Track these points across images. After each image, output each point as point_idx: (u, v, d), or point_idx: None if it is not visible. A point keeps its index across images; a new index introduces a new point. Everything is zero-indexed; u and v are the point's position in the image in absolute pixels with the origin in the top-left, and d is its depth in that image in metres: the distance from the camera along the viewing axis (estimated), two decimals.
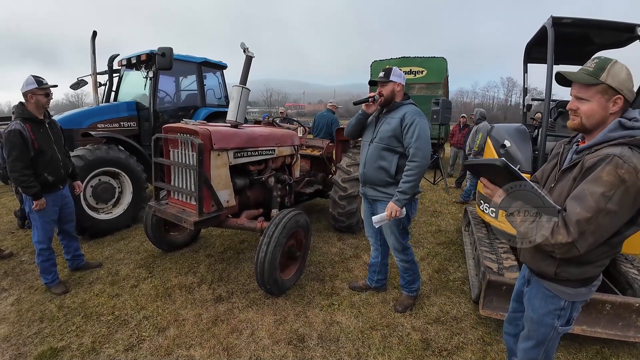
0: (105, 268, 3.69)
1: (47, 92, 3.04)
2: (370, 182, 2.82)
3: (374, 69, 10.22)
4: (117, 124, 5.22)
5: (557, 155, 1.65)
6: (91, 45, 5.39)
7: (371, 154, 2.76)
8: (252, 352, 2.47)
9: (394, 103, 2.74)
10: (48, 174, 3.08)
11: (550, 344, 1.65)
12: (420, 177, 2.58)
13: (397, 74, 2.72)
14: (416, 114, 2.63)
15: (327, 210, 4.83)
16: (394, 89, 2.70)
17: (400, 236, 2.83)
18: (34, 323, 2.80)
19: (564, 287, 1.52)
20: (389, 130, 2.67)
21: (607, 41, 3.53)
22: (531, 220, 1.40)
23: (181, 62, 5.77)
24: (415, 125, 2.57)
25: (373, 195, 2.84)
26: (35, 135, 2.98)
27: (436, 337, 2.67)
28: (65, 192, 3.34)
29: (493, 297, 2.71)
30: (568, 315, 1.58)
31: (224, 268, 3.69)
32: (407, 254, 2.92)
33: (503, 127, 3.87)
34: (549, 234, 1.33)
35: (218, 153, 3.05)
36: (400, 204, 2.55)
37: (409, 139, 2.59)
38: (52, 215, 3.21)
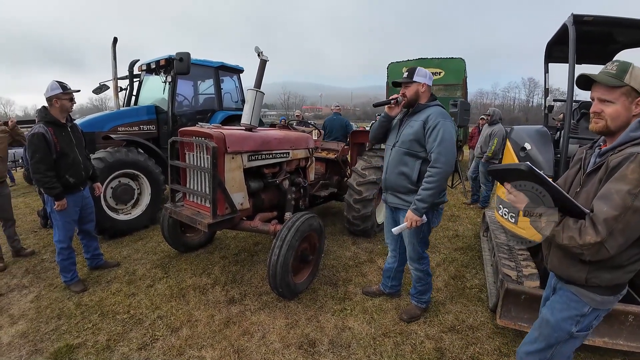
0: (123, 267, 3.78)
1: (71, 96, 3.16)
2: (391, 188, 2.70)
3: (391, 71, 10.13)
4: (137, 127, 5.36)
5: (579, 161, 1.62)
6: (112, 51, 5.56)
7: (393, 159, 2.66)
8: (263, 356, 2.46)
9: (418, 105, 2.61)
10: (70, 175, 3.18)
11: (559, 349, 1.58)
12: (442, 185, 2.45)
13: (421, 73, 2.58)
14: (440, 116, 2.48)
15: (342, 214, 4.80)
16: (418, 90, 2.57)
17: (418, 245, 2.73)
18: (52, 320, 2.88)
19: (593, 294, 1.47)
20: (411, 133, 2.54)
21: (630, 40, 3.39)
22: (557, 223, 1.37)
23: (199, 66, 5.88)
24: (439, 129, 2.42)
25: (394, 203, 2.73)
26: (57, 138, 3.08)
27: (451, 346, 2.59)
28: (86, 193, 3.44)
29: (511, 307, 2.61)
30: (588, 322, 1.52)
31: (237, 270, 3.72)
32: (422, 263, 2.82)
33: (523, 129, 3.75)
34: (577, 234, 1.30)
35: (232, 156, 3.08)
36: (419, 212, 2.43)
37: (431, 143, 2.44)
38: (73, 216, 3.30)
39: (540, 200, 1.46)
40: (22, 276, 3.65)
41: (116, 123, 5.16)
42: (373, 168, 4.33)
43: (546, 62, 3.98)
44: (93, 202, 3.57)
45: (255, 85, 3.43)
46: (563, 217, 1.38)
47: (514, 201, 1.50)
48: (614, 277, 1.41)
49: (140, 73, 6.23)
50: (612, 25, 3.12)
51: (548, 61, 3.97)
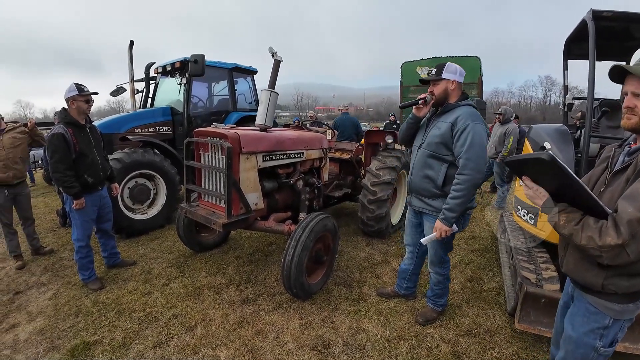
0: (139, 266, 3.84)
1: (87, 98, 3.21)
2: (416, 191, 2.61)
3: (405, 71, 10.05)
4: (153, 129, 5.45)
5: (606, 159, 1.54)
6: (129, 54, 5.66)
7: (418, 161, 2.54)
8: (277, 356, 2.45)
9: (447, 104, 2.45)
10: (88, 175, 3.24)
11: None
12: (471, 193, 2.31)
13: (451, 69, 2.42)
14: (470, 117, 2.31)
15: (355, 214, 4.77)
16: (447, 87, 2.42)
17: (441, 250, 2.65)
18: (69, 317, 2.94)
19: (610, 303, 1.39)
20: (438, 135, 2.40)
21: None
22: (577, 221, 1.30)
23: (213, 68, 5.94)
24: (468, 132, 2.26)
25: (418, 206, 2.64)
26: (77, 139, 3.16)
27: (467, 350, 2.53)
28: (104, 193, 3.51)
29: (530, 311, 2.54)
30: (612, 335, 1.44)
31: (251, 270, 3.73)
32: (443, 267, 2.74)
33: (542, 127, 3.67)
34: (597, 235, 1.22)
35: (247, 156, 3.09)
36: (448, 223, 2.33)
37: (459, 148, 2.29)
38: (91, 215, 3.37)
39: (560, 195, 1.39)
40: (40, 274, 3.73)
41: (133, 124, 5.25)
42: (388, 168, 4.29)
43: (565, 59, 3.88)
44: (111, 202, 3.63)
45: (269, 86, 3.43)
46: (583, 216, 1.30)
47: (532, 197, 1.43)
48: (632, 285, 1.33)
49: (156, 75, 6.33)
50: (631, 21, 3.03)
51: (567, 58, 3.87)
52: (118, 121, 5.22)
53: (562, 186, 1.34)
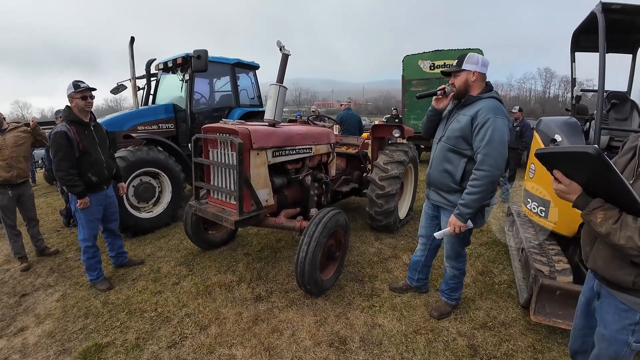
0: (148, 265, 3.80)
1: (83, 94, 3.09)
2: (434, 185, 2.59)
3: (406, 64, 10.00)
4: (156, 126, 5.39)
5: (632, 150, 1.49)
6: (130, 50, 5.58)
7: (437, 155, 2.51)
8: (294, 354, 2.44)
9: (468, 97, 2.38)
10: (92, 174, 3.19)
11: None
12: (489, 190, 2.25)
13: (472, 60, 2.32)
14: (492, 111, 2.22)
15: (362, 209, 4.75)
16: (468, 79, 2.34)
17: (458, 244, 2.63)
18: (79, 319, 2.89)
19: None
20: (458, 129, 2.34)
21: None
22: (615, 219, 1.25)
23: (215, 63, 5.86)
24: (488, 127, 2.19)
25: (436, 200, 2.62)
26: (80, 137, 3.10)
27: (484, 343, 2.54)
28: (109, 192, 3.46)
29: (545, 303, 2.54)
30: None
31: (262, 267, 3.70)
32: (460, 262, 2.72)
33: (552, 120, 3.65)
34: (637, 235, 1.19)
35: (257, 152, 3.05)
36: (462, 219, 2.29)
37: (478, 142, 2.23)
38: (96, 214, 3.32)
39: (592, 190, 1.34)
40: (46, 275, 3.68)
41: (135, 122, 5.19)
42: (395, 162, 4.27)
43: (572, 52, 3.87)
44: (117, 201, 3.58)
45: (277, 80, 3.38)
46: (621, 213, 1.25)
47: (564, 191, 1.38)
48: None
49: (157, 72, 6.26)
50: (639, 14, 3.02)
51: (574, 50, 3.85)
52: (121, 119, 5.15)
53: (598, 182, 1.29)
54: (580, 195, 1.35)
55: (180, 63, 5.53)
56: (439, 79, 9.50)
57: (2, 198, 3.73)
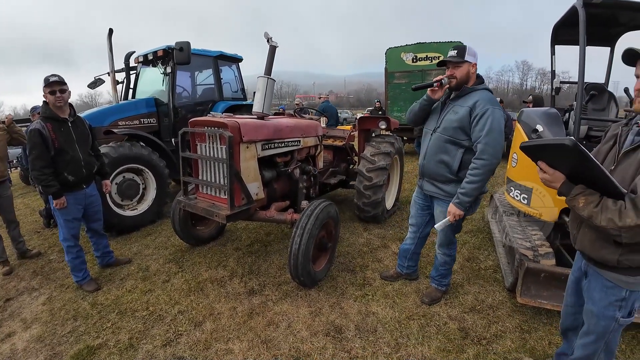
0: (135, 264, 3.73)
1: (51, 89, 2.93)
2: (429, 176, 2.61)
3: (389, 57, 10.05)
4: (137, 121, 5.24)
5: (613, 137, 1.59)
6: (108, 43, 5.37)
7: (433, 145, 2.51)
8: (291, 345, 2.46)
9: (464, 88, 2.40)
10: (68, 173, 3.04)
11: (611, 336, 1.61)
12: (487, 178, 2.32)
13: (472, 52, 2.35)
14: (490, 102, 2.28)
15: (349, 201, 4.79)
16: (469, 70, 2.37)
17: (451, 232, 2.70)
18: (67, 322, 2.81)
19: (625, 276, 1.47)
20: (456, 120, 2.36)
21: (633, 23, 3.43)
22: (596, 203, 1.35)
23: (197, 56, 5.72)
24: (488, 117, 2.23)
25: (430, 191, 2.65)
26: (55, 134, 2.95)
27: (474, 325, 2.63)
28: (90, 192, 3.29)
29: (531, 285, 2.66)
30: (630, 305, 1.53)
31: (253, 261, 3.70)
32: (451, 248, 2.80)
33: (533, 111, 3.77)
34: (617, 217, 1.28)
35: (247, 145, 3.02)
36: (462, 207, 2.34)
37: (478, 132, 2.27)
38: (75, 214, 3.19)
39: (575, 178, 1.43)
40: (30, 278, 3.56)
41: (116, 117, 5.03)
42: (382, 154, 4.31)
43: (552, 45, 3.98)
44: (100, 201, 3.45)
45: (265, 72, 3.35)
46: (601, 198, 1.35)
47: (549, 180, 1.47)
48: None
49: (137, 65, 6.07)
50: (618, 8, 3.15)
51: (554, 43, 3.97)
52: (100, 114, 4.98)
53: (580, 169, 1.38)
54: (563, 183, 1.44)
55: (161, 55, 5.37)
56: (421, 71, 9.59)
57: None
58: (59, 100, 2.96)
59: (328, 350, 2.39)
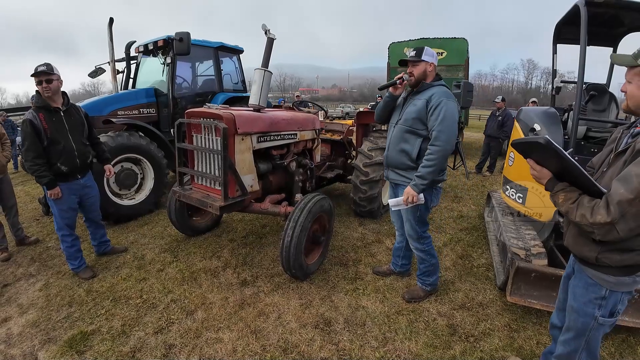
0: (131, 253, 3.76)
1: (38, 79, 2.88)
2: (393, 165, 2.75)
3: (392, 52, 9.99)
4: (136, 111, 5.24)
5: (614, 140, 1.61)
6: (108, 32, 5.37)
7: (395, 136, 2.69)
8: (280, 336, 2.49)
9: (422, 84, 2.60)
10: (61, 164, 3.02)
11: (591, 335, 1.61)
12: (442, 163, 2.48)
13: (429, 53, 2.58)
14: (444, 95, 2.49)
15: (346, 195, 4.80)
16: (426, 69, 2.57)
17: (416, 224, 2.74)
18: (62, 308, 2.85)
19: (605, 275, 1.49)
20: (414, 111, 2.56)
21: (636, 23, 3.39)
22: (573, 200, 1.39)
23: (198, 47, 5.71)
24: (442, 108, 2.44)
25: (394, 179, 2.79)
26: (48, 124, 2.92)
27: (462, 322, 2.65)
28: (86, 182, 3.27)
29: (521, 284, 2.67)
30: (610, 306, 1.54)
31: (247, 252, 3.72)
32: (423, 243, 2.81)
33: (532, 110, 3.75)
34: (589, 213, 1.31)
35: (242, 137, 3.03)
36: (417, 189, 2.46)
37: (432, 122, 2.47)
38: (70, 204, 3.17)
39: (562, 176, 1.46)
40: (28, 265, 3.59)
41: (115, 107, 5.04)
42: (379, 149, 4.31)
43: (555, 44, 3.95)
44: (96, 191, 3.43)
45: (262, 65, 3.34)
46: (580, 195, 1.38)
47: (537, 177, 1.53)
48: (624, 259, 1.42)
49: (137, 55, 6.06)
50: (621, 8, 3.12)
51: (556, 42, 3.93)
52: (100, 103, 5.00)
53: (561, 167, 1.43)
54: (549, 180, 1.49)
55: (162, 46, 5.36)
56: None
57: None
58: (46, 90, 2.91)
59: (316, 342, 2.42)
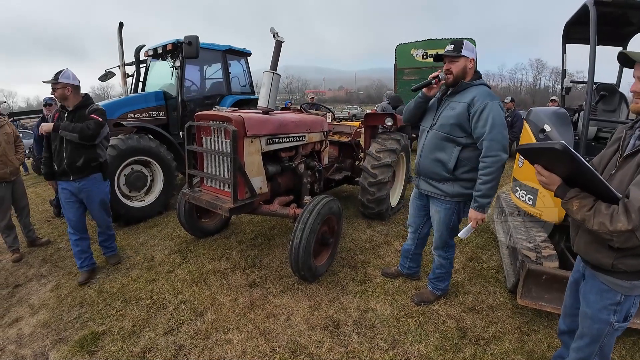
0: (141, 254, 3.80)
1: (52, 87, 3.07)
2: (425, 174, 2.54)
3: (399, 53, 9.98)
4: (146, 114, 5.31)
5: (617, 141, 1.56)
6: (118, 36, 5.45)
7: (429, 143, 2.44)
8: (289, 337, 2.49)
9: (461, 83, 2.34)
10: (55, 163, 3.18)
11: (605, 341, 1.59)
12: (500, 174, 2.22)
13: (469, 47, 2.29)
14: (488, 97, 2.22)
15: (354, 197, 4.79)
16: (466, 65, 2.30)
17: (447, 234, 2.64)
18: (73, 308, 2.89)
19: (620, 280, 1.46)
20: (453, 116, 2.29)
21: None
22: (589, 207, 1.34)
23: (206, 50, 5.76)
24: (488, 112, 2.16)
25: (426, 190, 2.59)
26: None
27: (472, 325, 2.63)
28: (83, 186, 3.20)
29: (532, 287, 2.63)
30: (625, 310, 1.52)
31: (256, 254, 3.74)
32: (448, 251, 2.75)
33: (542, 110, 3.72)
34: (608, 221, 1.27)
35: (251, 140, 3.05)
36: (482, 210, 2.26)
37: (480, 129, 2.19)
38: (66, 200, 3.22)
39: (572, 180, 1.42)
40: (39, 266, 3.65)
41: (126, 110, 5.11)
42: (387, 151, 4.30)
43: (564, 43, 3.91)
44: (97, 198, 3.30)
45: (271, 68, 3.36)
46: (595, 202, 1.34)
47: (545, 183, 1.47)
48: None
49: (147, 58, 6.14)
50: (630, 8, 3.08)
51: (566, 42, 3.89)
52: (110, 106, 5.06)
53: (575, 173, 1.38)
54: (559, 186, 1.44)
55: (171, 49, 5.43)
56: (431, 67, 9.51)
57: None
58: (58, 96, 3.12)
59: (325, 344, 2.42)
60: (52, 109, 4.78)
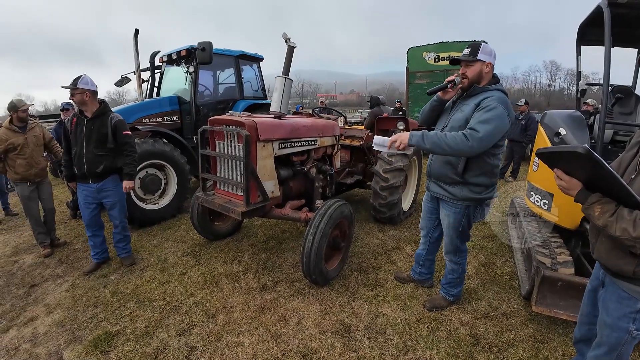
0: (155, 256, 3.86)
1: (71, 92, 3.17)
2: (435, 176, 2.54)
3: (411, 56, 9.95)
4: (161, 118, 5.42)
5: (637, 144, 1.53)
6: (134, 43, 5.58)
7: None
8: (300, 341, 2.49)
9: (474, 87, 2.29)
10: (75, 166, 3.34)
11: (623, 349, 1.56)
12: (445, 152, 2.15)
13: (487, 51, 2.23)
14: (496, 100, 2.14)
15: (366, 201, 4.78)
16: (482, 70, 2.25)
17: (456, 238, 2.60)
18: (88, 308, 2.94)
19: None
20: (462, 118, 2.26)
21: None
22: (611, 213, 1.31)
23: (219, 55, 5.86)
24: (491, 109, 2.11)
25: (436, 192, 2.57)
26: (74, 129, 3.28)
27: (485, 332, 2.59)
28: (102, 187, 3.36)
29: (547, 294, 2.58)
30: None
31: (267, 257, 3.76)
32: (459, 256, 2.70)
33: (557, 113, 3.66)
34: (631, 227, 1.24)
35: (264, 144, 3.08)
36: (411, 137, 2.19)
37: (474, 119, 2.14)
38: (84, 201, 3.41)
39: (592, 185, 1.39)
40: (55, 266, 3.73)
41: (141, 114, 5.22)
42: (399, 155, 4.29)
43: (578, 45, 3.85)
44: (115, 198, 3.44)
45: (283, 73, 3.40)
46: (617, 207, 1.31)
47: (565, 187, 1.44)
48: None
49: (162, 64, 6.27)
50: None
51: (580, 44, 3.84)
52: (126, 111, 5.17)
53: (595, 178, 1.35)
54: (580, 191, 1.41)
55: (185, 55, 5.53)
56: (443, 71, 9.44)
57: (23, 189, 3.88)
58: (76, 102, 3.23)
59: (336, 349, 2.41)
60: (69, 114, 4.98)
